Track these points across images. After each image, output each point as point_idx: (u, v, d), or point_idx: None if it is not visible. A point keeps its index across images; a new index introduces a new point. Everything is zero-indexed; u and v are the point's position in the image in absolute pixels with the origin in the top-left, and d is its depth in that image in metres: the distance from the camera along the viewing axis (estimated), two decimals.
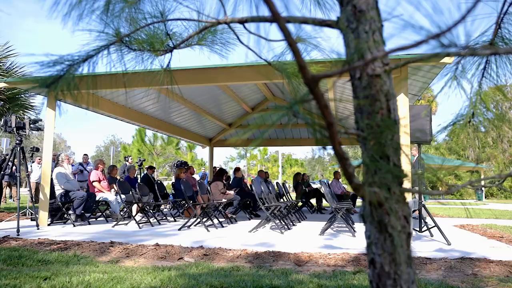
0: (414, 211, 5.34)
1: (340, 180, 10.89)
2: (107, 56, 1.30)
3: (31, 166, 10.71)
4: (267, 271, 3.22)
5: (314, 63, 1.66)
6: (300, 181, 10.67)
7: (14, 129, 5.53)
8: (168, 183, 16.21)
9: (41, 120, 5.94)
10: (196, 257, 3.87)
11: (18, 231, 5.18)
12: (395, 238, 0.94)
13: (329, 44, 1.59)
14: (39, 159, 11.13)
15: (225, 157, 60.10)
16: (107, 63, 1.32)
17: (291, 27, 1.33)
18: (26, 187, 13.47)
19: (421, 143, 5.36)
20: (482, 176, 25.62)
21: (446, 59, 5.00)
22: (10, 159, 5.84)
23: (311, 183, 12.69)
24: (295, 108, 0.86)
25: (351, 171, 0.80)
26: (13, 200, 12.66)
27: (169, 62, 1.63)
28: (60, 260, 3.54)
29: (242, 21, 1.22)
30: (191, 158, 22.77)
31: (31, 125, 5.74)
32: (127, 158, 10.89)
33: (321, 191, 11.17)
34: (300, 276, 3.00)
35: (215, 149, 14.09)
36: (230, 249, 4.16)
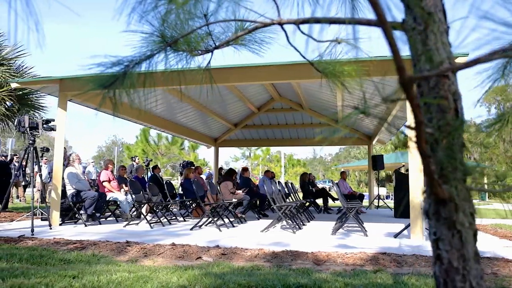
0: None
1: (346, 180, 10.92)
2: (164, 57, 1.33)
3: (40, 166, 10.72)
4: (288, 270, 3.24)
5: (354, 62, 1.69)
6: (307, 181, 10.69)
7: (28, 129, 5.56)
8: (172, 183, 16.19)
9: (53, 120, 5.96)
10: (214, 256, 3.90)
11: (32, 230, 5.20)
12: (464, 234, 0.96)
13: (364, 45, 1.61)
14: (46, 159, 11.14)
15: (229, 157, 60.21)
16: (165, 64, 1.35)
17: (335, 28, 1.35)
18: (36, 186, 13.50)
19: None
20: (485, 177, 25.57)
21: (459, 60, 5.03)
22: (23, 160, 5.86)
23: (316, 183, 12.72)
24: (367, 109, 0.89)
25: (433, 169, 0.82)
26: (20, 200, 12.69)
27: (209, 62, 1.65)
28: (80, 260, 3.56)
29: (298, 22, 1.24)
30: (194, 158, 22.78)
31: (44, 125, 5.77)
32: (134, 158, 10.92)
33: (327, 190, 11.20)
34: (323, 275, 3.02)
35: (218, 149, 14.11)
36: (247, 249, 4.19)
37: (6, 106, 7.78)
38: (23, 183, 12.49)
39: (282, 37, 1.56)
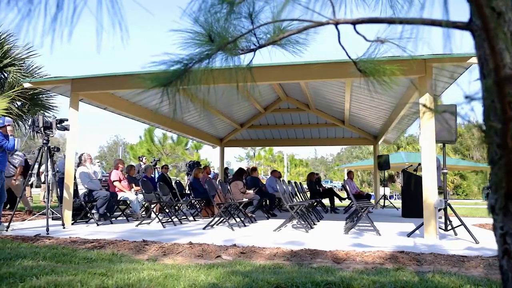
0: (440, 210, 5.39)
1: (353, 180, 10.95)
2: (223, 57, 1.36)
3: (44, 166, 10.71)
4: (310, 269, 3.27)
5: (392, 61, 1.73)
6: (314, 180, 10.72)
7: (42, 129, 5.59)
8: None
9: (67, 120, 5.98)
10: (233, 255, 3.92)
11: (47, 230, 5.23)
12: None
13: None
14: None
15: (233, 157, 60.32)
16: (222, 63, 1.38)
17: (399, 27, 1.37)
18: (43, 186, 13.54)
19: (446, 143, 5.41)
20: (488, 176, 25.59)
21: (473, 60, 5.05)
22: (37, 159, 5.89)
23: (322, 183, 12.74)
24: (440, 108, 0.91)
25: None
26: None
27: (251, 60, 1.67)
28: (102, 258, 3.58)
29: (357, 22, 1.27)
30: (197, 158, 22.80)
31: (58, 125, 5.79)
32: (141, 158, 10.95)
33: (334, 190, 11.24)
34: (347, 273, 3.04)
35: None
36: (265, 247, 4.21)
37: (17, 106, 7.81)
38: (30, 182, 12.52)
39: (315, 38, 1.59)
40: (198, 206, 8.92)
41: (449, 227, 5.49)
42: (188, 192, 9.23)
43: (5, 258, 3.21)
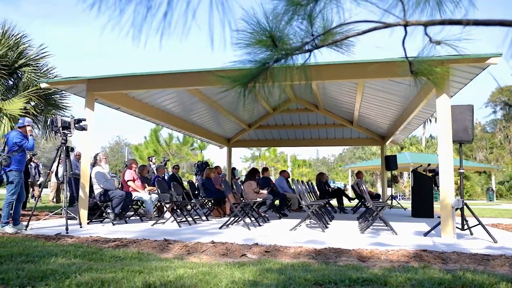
0: (457, 209, 5.42)
1: (362, 179, 10.97)
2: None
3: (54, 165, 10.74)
4: (337, 267, 3.30)
5: (447, 61, 1.78)
6: (323, 180, 10.76)
7: (60, 128, 5.63)
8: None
9: (84, 120, 6.02)
10: (258, 254, 3.95)
11: (67, 229, 5.27)
12: None
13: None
14: (60, 159, 11.17)
15: (238, 157, 60.42)
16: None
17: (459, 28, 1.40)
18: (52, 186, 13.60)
19: (463, 143, 5.44)
20: (493, 177, 25.68)
21: (492, 60, 5.09)
22: (55, 159, 5.92)
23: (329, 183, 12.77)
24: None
25: None
26: (35, 200, 12.72)
27: (306, 59, 1.71)
28: (131, 257, 3.61)
29: (429, 24, 1.30)
30: (201, 158, 22.82)
31: (76, 125, 5.83)
32: (150, 158, 10.99)
33: (343, 190, 11.27)
34: (377, 271, 3.07)
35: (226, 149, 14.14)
36: (289, 246, 4.24)
37: (31, 106, 7.86)
38: (39, 182, 12.58)
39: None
40: (209, 206, 8.96)
41: (465, 227, 5.52)
42: (196, 192, 9.25)
43: (38, 256, 3.25)
